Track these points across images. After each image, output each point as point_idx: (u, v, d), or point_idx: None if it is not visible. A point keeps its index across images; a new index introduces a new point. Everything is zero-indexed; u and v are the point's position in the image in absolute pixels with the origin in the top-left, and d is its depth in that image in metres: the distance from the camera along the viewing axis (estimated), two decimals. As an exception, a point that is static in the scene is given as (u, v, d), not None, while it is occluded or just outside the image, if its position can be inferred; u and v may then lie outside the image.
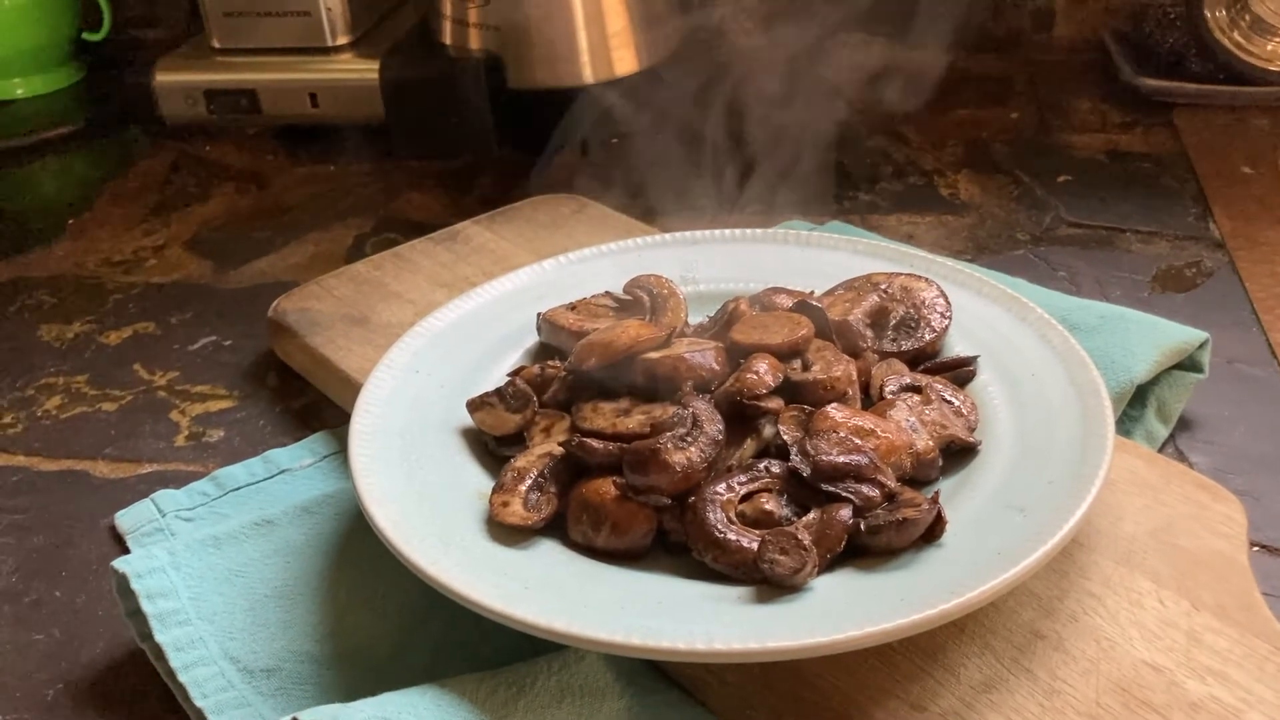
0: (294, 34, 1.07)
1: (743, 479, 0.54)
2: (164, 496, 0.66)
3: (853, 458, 0.54)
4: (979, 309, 0.68)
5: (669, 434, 0.55)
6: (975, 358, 0.64)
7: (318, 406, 0.75)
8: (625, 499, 0.54)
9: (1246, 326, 0.78)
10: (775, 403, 0.57)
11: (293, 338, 0.76)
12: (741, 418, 0.57)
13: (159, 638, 0.55)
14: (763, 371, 0.58)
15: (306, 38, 1.07)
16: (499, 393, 0.61)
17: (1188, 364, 0.68)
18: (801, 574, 0.50)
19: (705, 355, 0.59)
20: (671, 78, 1.05)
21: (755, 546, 0.51)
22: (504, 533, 0.55)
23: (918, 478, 0.57)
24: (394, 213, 1.00)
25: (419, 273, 0.82)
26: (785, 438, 0.56)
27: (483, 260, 0.83)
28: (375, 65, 1.04)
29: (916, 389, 0.61)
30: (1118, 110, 1.11)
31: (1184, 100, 1.09)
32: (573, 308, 0.69)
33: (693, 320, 0.68)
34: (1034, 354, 0.63)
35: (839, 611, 0.48)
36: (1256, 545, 0.60)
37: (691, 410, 0.56)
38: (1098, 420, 0.57)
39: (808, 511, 0.53)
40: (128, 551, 0.63)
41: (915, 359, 0.64)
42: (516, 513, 0.55)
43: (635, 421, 0.57)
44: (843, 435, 0.55)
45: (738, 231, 0.76)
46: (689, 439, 0.54)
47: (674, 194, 0.93)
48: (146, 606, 0.55)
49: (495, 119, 1.02)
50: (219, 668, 0.54)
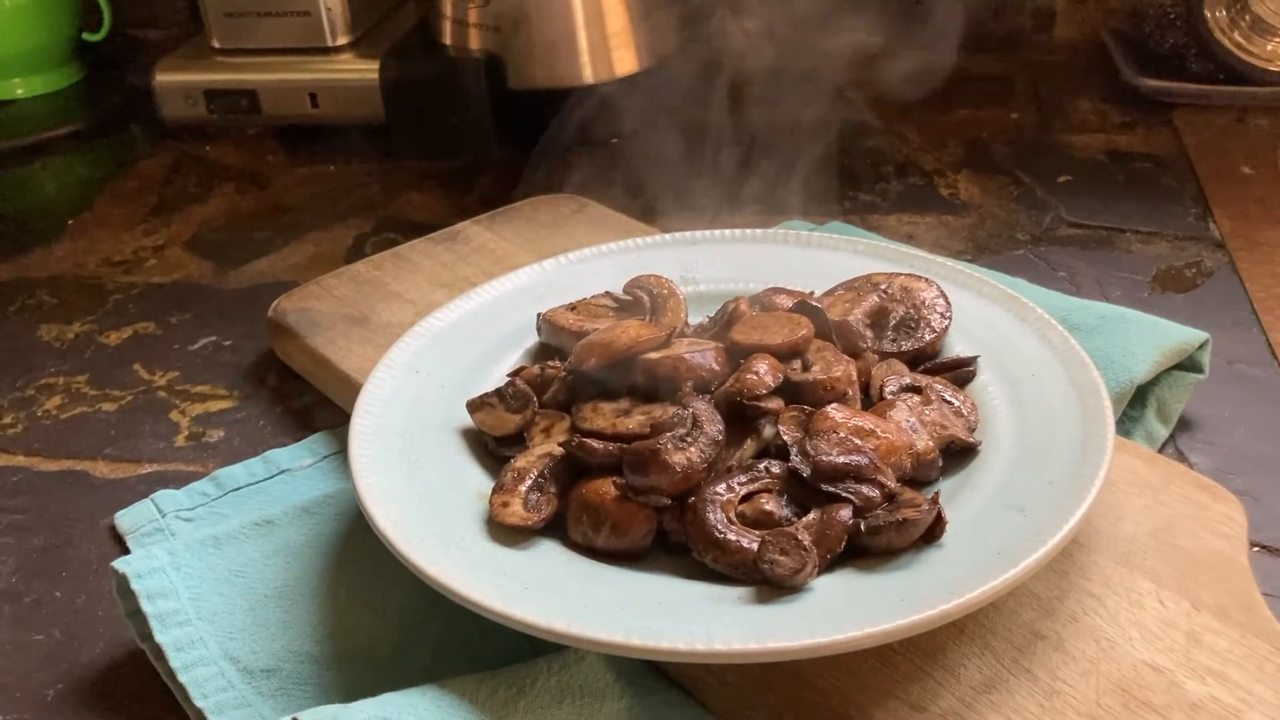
0: (294, 34, 1.07)
1: (743, 479, 0.54)
2: (164, 497, 0.66)
3: (853, 458, 0.54)
4: (979, 309, 0.68)
5: (669, 434, 0.55)
6: (975, 358, 0.64)
7: (318, 407, 0.75)
8: (625, 499, 0.54)
9: (1246, 327, 0.78)
10: (775, 403, 0.57)
11: (293, 338, 0.76)
12: (741, 418, 0.57)
13: (159, 638, 0.55)
14: (763, 372, 0.58)
15: (306, 38, 1.07)
16: (499, 393, 0.61)
17: (1188, 364, 0.68)
18: (801, 574, 0.50)
19: (705, 355, 0.59)
20: (671, 78, 1.05)
21: (755, 547, 0.51)
22: (504, 533, 0.55)
23: (918, 478, 0.57)
24: (394, 213, 1.00)
25: (419, 273, 0.82)
26: (785, 438, 0.56)
27: (483, 260, 0.83)
28: (375, 65, 1.04)
29: (916, 389, 0.61)
30: (1118, 110, 1.11)
31: (1184, 100, 1.09)
32: (573, 308, 0.69)
33: (693, 320, 0.68)
34: (1034, 354, 0.63)
35: (839, 612, 0.48)
36: (1256, 545, 0.60)
37: (691, 411, 0.56)
38: (1098, 420, 0.57)
39: (808, 512, 0.53)
40: (128, 552, 0.63)
41: (915, 359, 0.64)
42: (516, 513, 0.55)
43: (635, 422, 0.57)
44: (843, 436, 0.55)
45: (738, 232, 0.76)
46: (689, 439, 0.54)
47: (674, 194, 0.93)
48: (146, 607, 0.55)
49: (495, 119, 1.02)
50: (219, 668, 0.54)
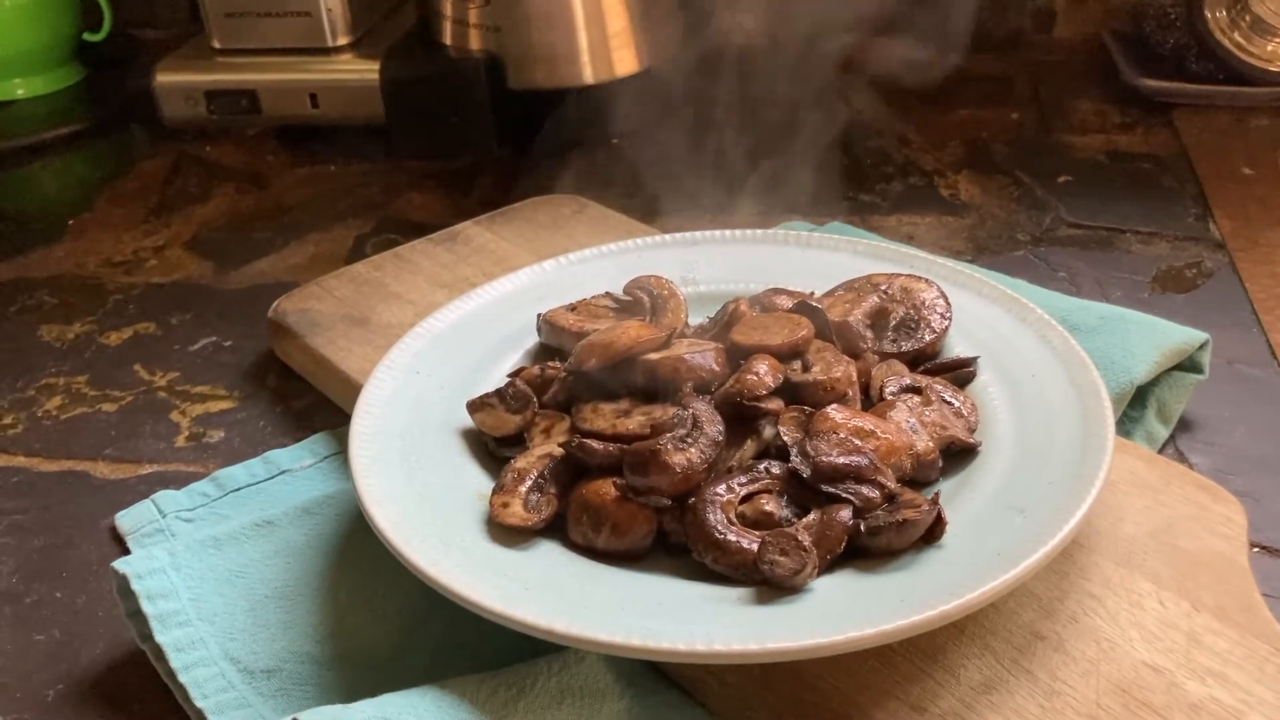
0: (294, 34, 1.07)
1: (743, 480, 0.54)
2: (164, 497, 0.66)
3: (853, 459, 0.54)
4: (979, 310, 0.68)
5: (669, 435, 0.55)
6: (975, 359, 0.64)
7: (318, 407, 0.75)
8: (625, 500, 0.54)
9: (1247, 327, 0.78)
10: (775, 404, 0.57)
11: (293, 338, 0.76)
12: (741, 419, 0.57)
13: (159, 638, 0.55)
14: (763, 372, 0.58)
15: (307, 38, 1.07)
16: (499, 394, 0.61)
17: (1188, 365, 0.68)
18: (801, 575, 0.50)
19: (705, 356, 0.59)
20: (671, 78, 1.05)
21: (755, 548, 0.51)
22: (504, 534, 0.55)
23: (918, 479, 0.57)
24: (394, 213, 1.00)
25: (419, 273, 0.82)
26: (785, 439, 0.56)
27: (483, 261, 0.83)
28: (375, 66, 1.04)
29: (916, 390, 0.61)
30: (1118, 111, 1.11)
31: (1184, 101, 1.09)
32: (573, 308, 0.69)
33: (693, 321, 0.68)
34: (1034, 355, 0.63)
35: (839, 612, 0.48)
36: (1257, 546, 0.60)
37: (692, 411, 0.56)
38: (1098, 421, 0.57)
39: (808, 512, 0.53)
40: (128, 552, 0.63)
41: (915, 360, 0.64)
42: (517, 514, 0.55)
43: (635, 422, 0.57)
44: (843, 436, 0.55)
45: (738, 232, 0.76)
46: (689, 440, 0.54)
47: (674, 194, 0.93)
48: (147, 607, 0.55)
49: (495, 119, 1.02)
50: (219, 668, 0.54)
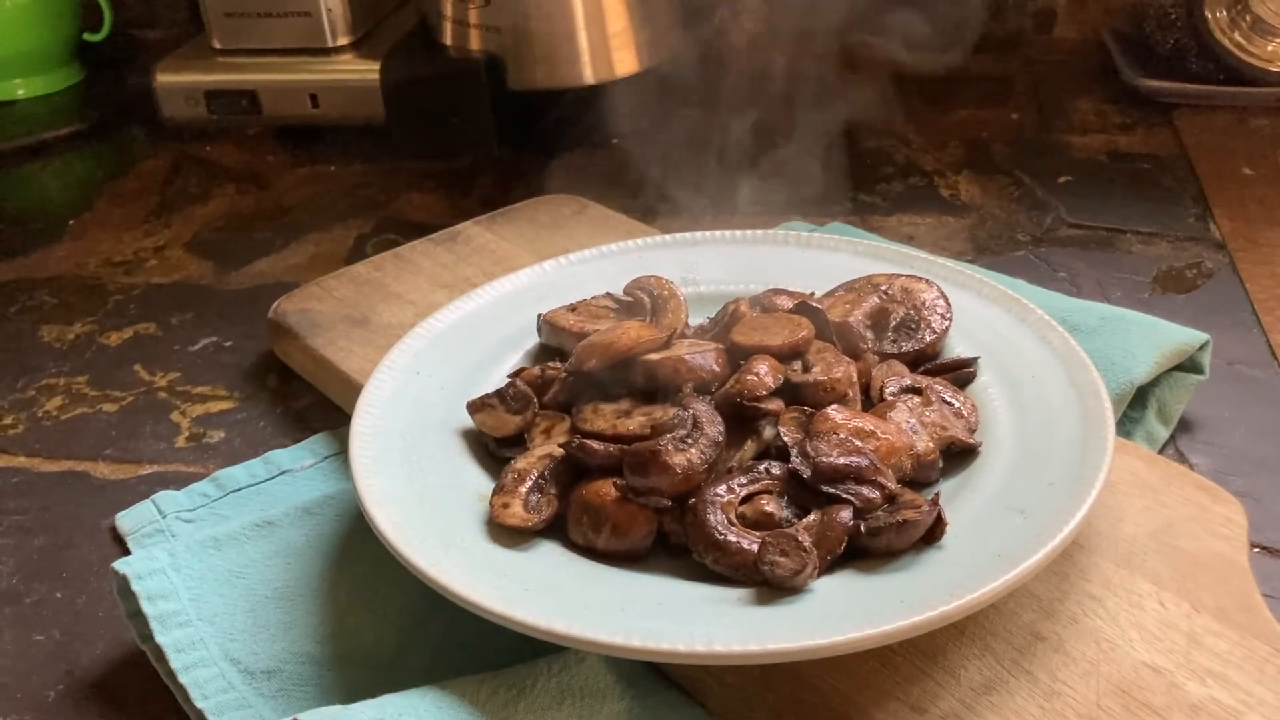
0: (294, 35, 1.07)
1: (743, 480, 0.54)
2: (164, 498, 0.66)
3: (853, 459, 0.54)
4: (979, 310, 0.68)
5: (669, 435, 0.55)
6: (975, 359, 0.64)
7: (318, 408, 0.75)
8: (626, 500, 0.54)
9: (1247, 328, 0.78)
10: (775, 404, 0.57)
11: (293, 339, 0.76)
12: (742, 419, 0.57)
13: (160, 639, 0.55)
14: (763, 373, 0.58)
15: (307, 38, 1.07)
16: (499, 394, 0.61)
17: (1188, 365, 0.68)
18: (802, 576, 0.50)
19: (706, 357, 0.59)
20: (672, 78, 1.05)
21: (755, 548, 0.51)
22: (504, 534, 0.55)
23: (918, 479, 0.57)
24: (394, 213, 1.00)
25: (419, 274, 0.82)
26: (785, 439, 0.56)
27: (483, 261, 0.83)
28: (376, 66, 1.04)
29: (917, 390, 0.61)
30: (1118, 111, 1.11)
31: (1184, 101, 1.09)
32: (573, 309, 0.69)
33: (693, 322, 0.68)
34: (1034, 355, 0.63)
35: (839, 613, 0.48)
36: (1257, 547, 0.60)
37: (692, 412, 0.56)
38: (1098, 422, 0.57)
39: (808, 513, 0.53)
40: (128, 553, 0.63)
41: (915, 360, 0.64)
42: (517, 514, 0.55)
43: (636, 423, 0.57)
44: (843, 437, 0.55)
45: (738, 233, 0.76)
46: (689, 440, 0.54)
47: (674, 194, 0.93)
48: (147, 608, 0.55)
49: (496, 120, 1.02)
50: (220, 669, 0.54)
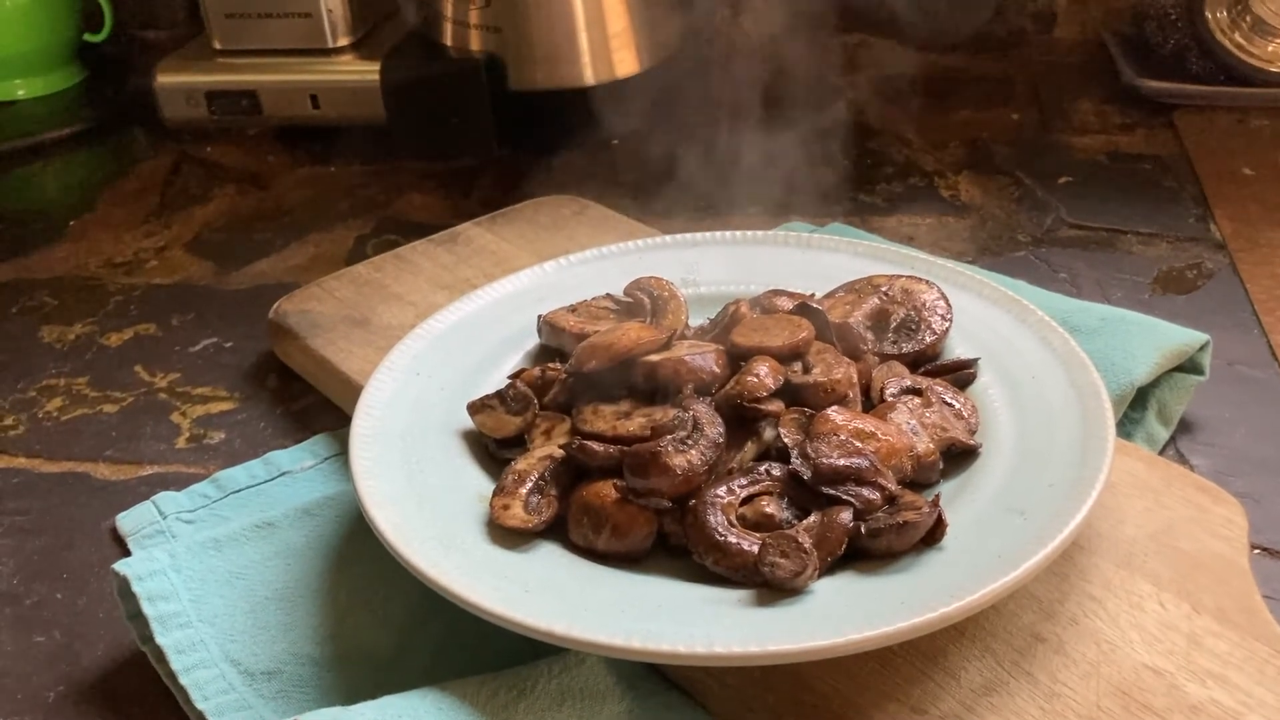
0: (295, 35, 1.07)
1: (743, 482, 0.54)
2: (165, 498, 0.66)
3: (853, 460, 0.54)
4: (980, 311, 0.68)
5: (669, 437, 0.55)
6: (976, 360, 0.64)
7: (318, 408, 0.75)
8: (626, 502, 0.54)
9: (1247, 328, 0.78)
10: (776, 405, 0.57)
11: (293, 339, 0.76)
12: (742, 420, 0.57)
13: (160, 640, 0.55)
14: (763, 374, 0.58)
15: (307, 39, 1.07)
16: (500, 395, 0.61)
17: (1188, 366, 0.68)
18: (802, 577, 0.50)
19: (706, 358, 0.59)
20: (672, 78, 1.05)
21: (756, 549, 0.51)
22: (504, 535, 0.55)
23: (918, 480, 0.57)
24: (395, 214, 1.00)
25: (420, 274, 0.82)
26: (786, 440, 0.56)
27: (483, 262, 0.83)
28: (376, 66, 1.04)
29: (917, 391, 0.61)
30: (1119, 111, 1.11)
31: (1185, 101, 1.09)
32: (573, 310, 0.69)
33: (693, 323, 0.68)
34: (1034, 356, 0.63)
35: (839, 615, 0.48)
36: (1257, 548, 0.60)
37: (692, 413, 0.56)
38: (1098, 423, 0.57)
39: (808, 514, 0.53)
40: (129, 554, 0.64)
41: (916, 361, 0.64)
42: (517, 515, 0.55)
43: (636, 424, 0.57)
44: (843, 438, 0.55)
45: (738, 234, 0.76)
46: (689, 442, 0.54)
47: (674, 195, 0.93)
48: (147, 609, 0.55)
49: (496, 120, 1.02)
50: (220, 670, 0.54)
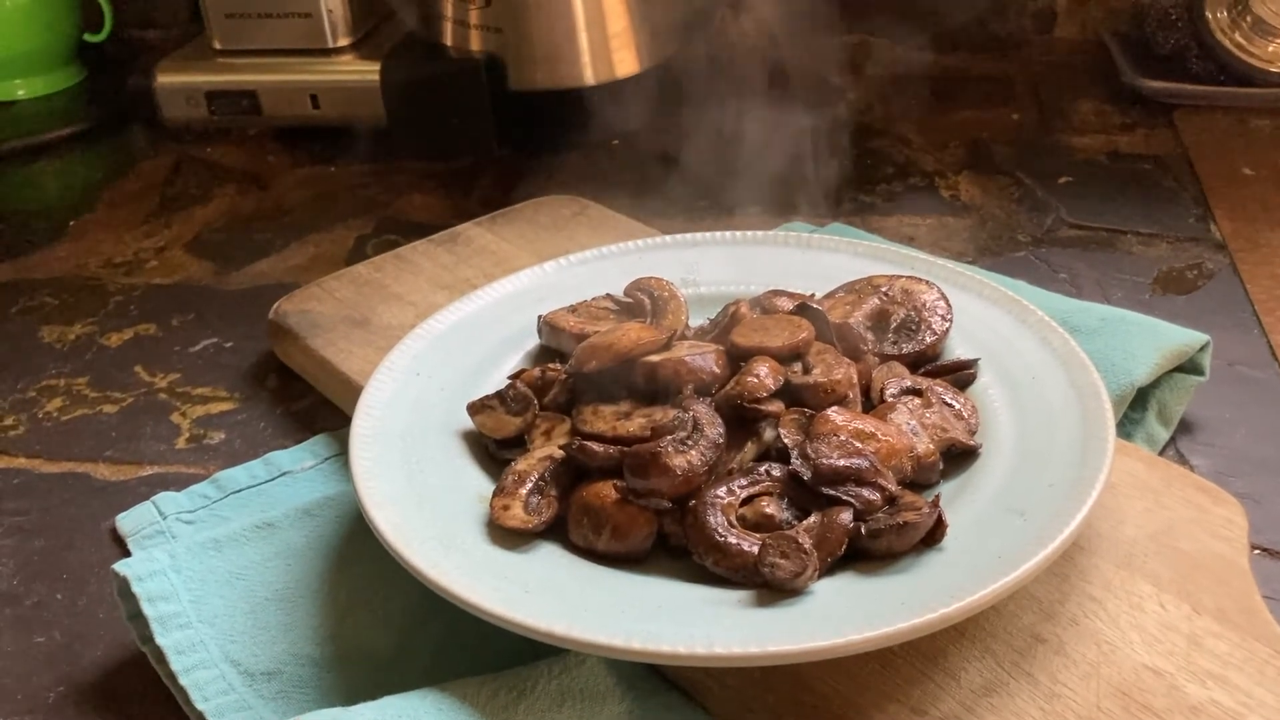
0: (295, 35, 1.07)
1: (743, 482, 0.54)
2: (165, 499, 0.66)
3: (853, 461, 0.54)
4: (980, 311, 0.68)
5: (670, 437, 0.55)
6: (976, 360, 0.64)
7: (318, 409, 0.75)
8: (626, 502, 0.54)
9: (1247, 329, 0.78)
10: (776, 406, 0.57)
11: (293, 340, 0.76)
12: (742, 421, 0.57)
13: (160, 640, 0.55)
14: (763, 375, 0.58)
15: (307, 39, 1.07)
16: (500, 395, 0.61)
17: (1188, 366, 0.68)
18: (802, 578, 0.50)
19: (706, 358, 0.59)
20: (672, 79, 1.05)
21: (756, 550, 0.51)
22: (504, 536, 0.55)
23: (918, 481, 0.57)
24: (395, 214, 1.00)
25: (420, 274, 0.82)
26: (786, 441, 0.56)
27: (484, 262, 0.82)
28: (376, 66, 1.04)
29: (917, 392, 0.61)
30: (1119, 112, 1.11)
31: (1185, 101, 1.09)
32: (573, 310, 0.69)
33: (693, 323, 0.68)
34: (1035, 357, 0.63)
35: (839, 615, 0.48)
36: (1257, 548, 0.60)
37: (692, 413, 0.56)
38: (1098, 423, 0.57)
39: (808, 515, 0.53)
40: (129, 554, 0.64)
41: (916, 362, 0.64)
42: (517, 516, 0.55)
43: (636, 425, 0.57)
44: (843, 438, 0.55)
45: (738, 234, 0.76)
46: (690, 442, 0.54)
47: (674, 195, 0.93)
48: (147, 609, 0.55)
49: (496, 120, 1.02)
50: (220, 671, 0.54)
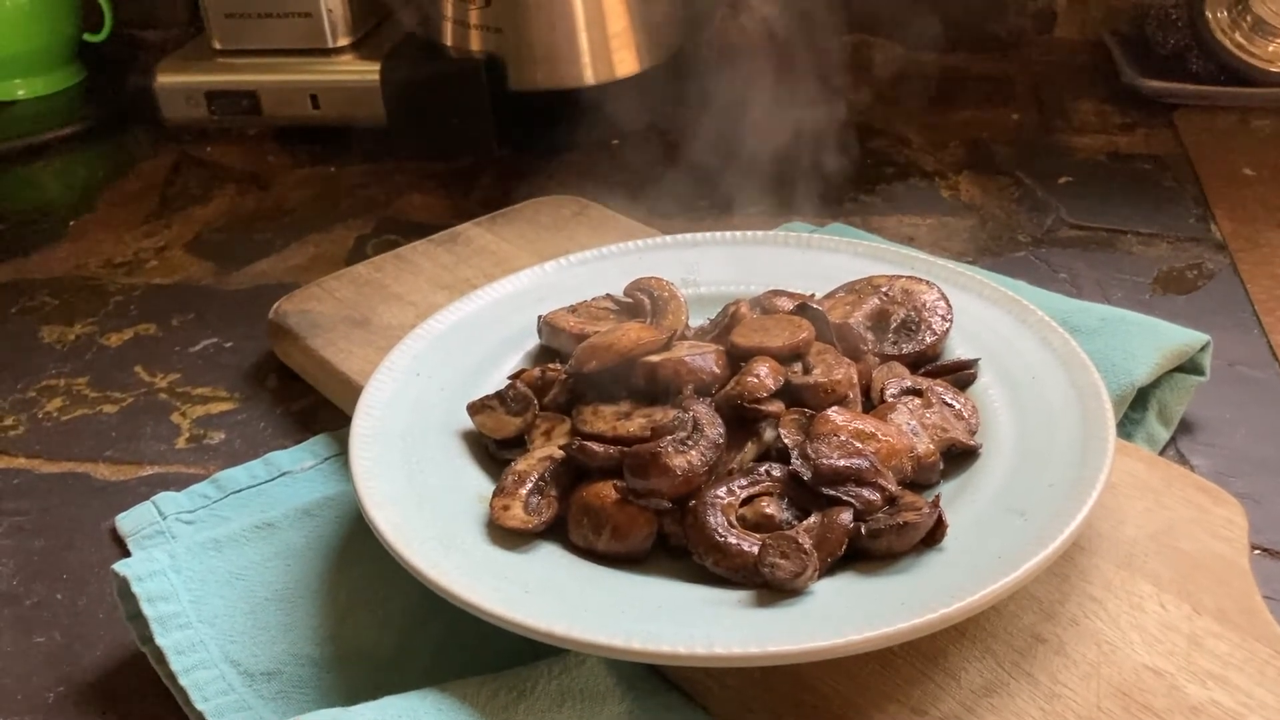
0: (295, 35, 1.07)
1: (743, 482, 0.54)
2: (165, 499, 0.66)
3: (853, 461, 0.54)
4: (980, 311, 0.68)
5: (670, 437, 0.55)
6: (976, 360, 0.64)
7: (318, 409, 0.75)
8: (626, 502, 0.54)
9: (1247, 329, 0.78)
10: (776, 406, 0.57)
11: (293, 340, 0.76)
12: (742, 421, 0.57)
13: (160, 641, 0.55)
14: (763, 375, 0.58)
15: (307, 39, 1.07)
16: (500, 396, 0.61)
17: (1189, 366, 0.68)
18: (802, 578, 0.50)
19: (706, 358, 0.59)
20: (672, 79, 1.05)
21: (756, 550, 0.51)
22: (504, 536, 0.55)
23: (918, 481, 0.57)
24: (395, 214, 1.00)
25: (420, 274, 0.82)
26: (786, 441, 0.56)
27: (484, 262, 0.82)
28: (376, 66, 1.04)
29: (917, 392, 0.61)
30: (1119, 111, 1.10)
31: (1185, 101, 1.09)
32: (573, 310, 0.69)
33: (693, 323, 0.68)
34: (1035, 357, 0.63)
35: (839, 615, 0.48)
36: (1257, 548, 0.60)
37: (692, 413, 0.56)
38: (1098, 423, 0.57)
39: (808, 515, 0.53)
40: (128, 554, 0.63)
41: (916, 362, 0.64)
42: (517, 516, 0.55)
43: (636, 425, 0.57)
44: (843, 439, 0.55)
45: (738, 234, 0.76)
46: (690, 442, 0.54)
47: (674, 195, 0.93)
48: (147, 609, 0.55)
49: (496, 120, 1.02)
50: (220, 671, 0.54)
